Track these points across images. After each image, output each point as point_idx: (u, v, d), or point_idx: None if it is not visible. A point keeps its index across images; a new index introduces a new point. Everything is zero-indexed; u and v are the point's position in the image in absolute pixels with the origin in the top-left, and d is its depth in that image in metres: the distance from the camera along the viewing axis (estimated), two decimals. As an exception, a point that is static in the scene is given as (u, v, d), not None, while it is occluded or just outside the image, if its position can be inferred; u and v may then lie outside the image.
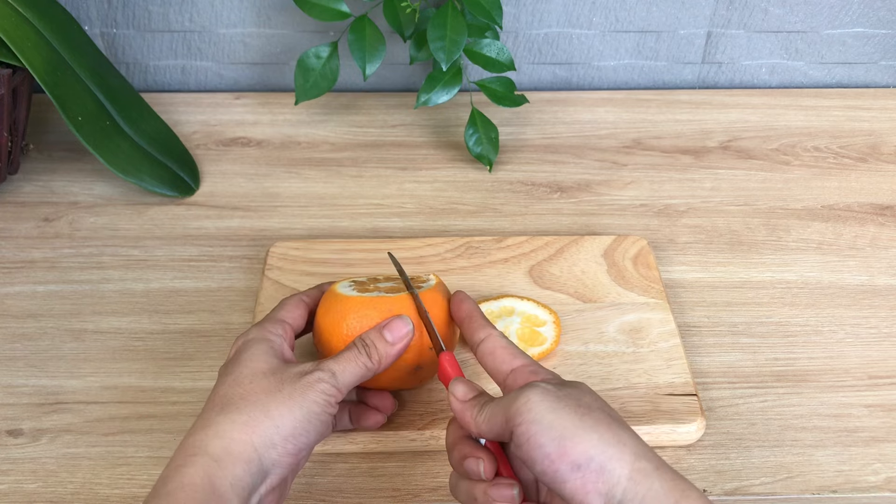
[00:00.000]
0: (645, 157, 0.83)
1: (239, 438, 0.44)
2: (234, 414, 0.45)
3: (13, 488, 0.55)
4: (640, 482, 0.40)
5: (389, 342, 0.50)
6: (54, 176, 0.79)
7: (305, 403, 0.46)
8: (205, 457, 0.43)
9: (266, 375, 0.48)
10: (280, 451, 0.45)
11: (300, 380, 0.47)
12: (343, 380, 0.48)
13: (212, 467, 0.43)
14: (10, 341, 0.64)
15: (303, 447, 0.46)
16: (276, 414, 0.45)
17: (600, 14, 0.87)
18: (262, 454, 0.44)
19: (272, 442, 0.45)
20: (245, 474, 0.44)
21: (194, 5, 0.85)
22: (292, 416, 0.46)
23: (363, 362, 0.49)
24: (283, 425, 0.45)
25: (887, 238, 0.75)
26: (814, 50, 0.91)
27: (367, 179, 0.80)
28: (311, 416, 0.46)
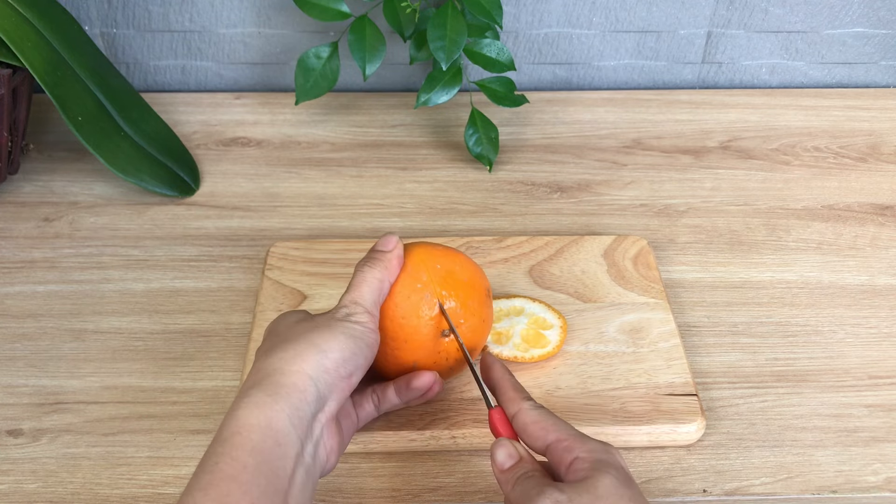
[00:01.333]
0: (645, 157, 0.83)
1: (290, 370, 0.45)
2: (281, 352, 0.46)
3: (13, 488, 0.55)
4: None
5: (384, 250, 0.52)
6: (54, 176, 0.79)
7: (347, 331, 0.48)
8: (258, 393, 0.44)
9: (300, 321, 0.50)
10: (334, 375, 0.46)
11: (332, 318, 0.49)
12: (366, 301, 0.50)
13: (266, 403, 0.43)
14: (10, 341, 0.64)
15: (353, 370, 0.47)
16: (321, 342, 0.46)
17: (600, 14, 0.87)
18: (318, 379, 0.45)
19: (324, 367, 0.46)
20: (301, 403, 0.44)
21: (194, 5, 0.85)
22: (338, 343, 0.47)
23: (371, 275, 0.51)
24: (331, 350, 0.46)
25: (887, 238, 0.75)
26: (814, 50, 0.91)
27: (367, 179, 0.80)
28: (355, 340, 0.48)
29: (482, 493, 0.55)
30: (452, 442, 0.57)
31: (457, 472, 0.57)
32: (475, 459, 0.57)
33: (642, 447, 0.58)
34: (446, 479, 0.56)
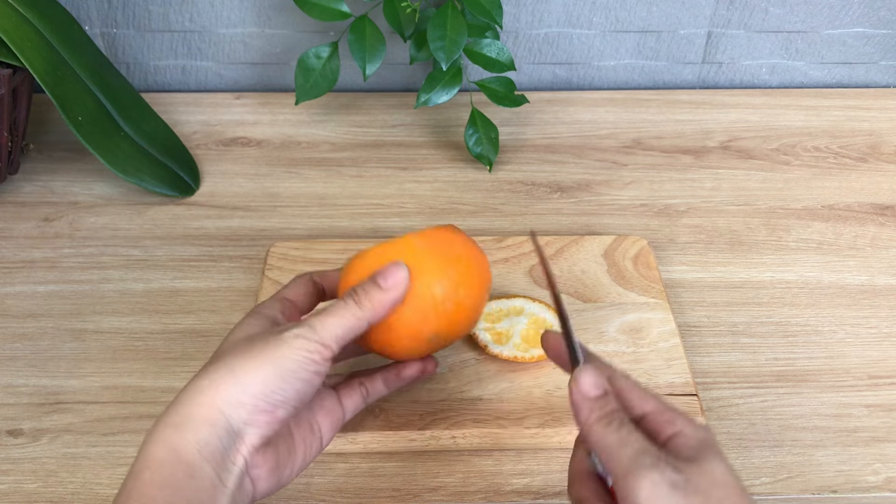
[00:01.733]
0: (645, 157, 0.83)
1: (200, 401, 0.42)
2: (197, 379, 0.43)
3: (13, 488, 0.55)
4: None
5: (382, 288, 0.46)
6: (54, 176, 0.79)
7: (278, 360, 0.43)
8: (166, 428, 0.41)
9: (241, 342, 0.45)
10: (249, 409, 0.42)
11: (275, 337, 0.44)
12: (326, 333, 0.44)
13: (173, 436, 0.41)
14: (10, 341, 0.64)
15: (278, 404, 0.43)
16: (240, 371, 0.42)
17: (600, 14, 0.87)
18: (229, 414, 0.42)
19: (239, 401, 0.42)
20: (211, 437, 0.41)
21: (194, 5, 0.85)
22: (261, 373, 0.42)
23: (352, 312, 0.45)
24: (249, 382, 0.42)
25: (887, 238, 0.75)
26: (814, 50, 0.91)
27: (367, 179, 0.80)
28: (284, 372, 0.43)
29: (482, 493, 0.55)
30: (452, 442, 0.57)
31: (457, 472, 0.57)
32: (475, 459, 0.57)
33: (642, 447, 0.58)
34: (446, 479, 0.56)
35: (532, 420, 0.57)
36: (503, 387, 0.60)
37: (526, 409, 0.58)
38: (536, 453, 0.58)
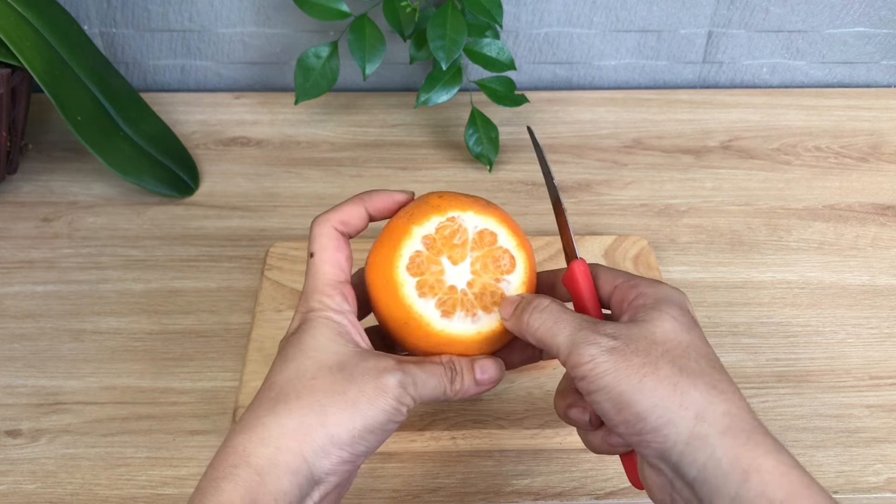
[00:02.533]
0: (645, 157, 0.83)
1: (287, 447, 0.39)
2: (285, 417, 0.40)
3: (12, 489, 0.55)
4: (698, 448, 0.37)
5: (477, 381, 0.44)
6: (53, 176, 0.78)
7: (371, 412, 0.40)
8: (247, 469, 0.39)
9: (332, 371, 0.41)
10: (335, 461, 0.40)
11: (374, 380, 0.41)
12: (422, 392, 0.42)
13: (254, 482, 0.39)
14: (9, 341, 0.64)
15: (360, 454, 0.41)
16: (332, 421, 0.40)
17: (601, 13, 0.87)
18: (313, 463, 0.40)
19: (326, 451, 0.40)
20: (292, 486, 0.39)
21: (194, 5, 0.85)
22: (352, 425, 0.40)
23: (445, 385, 0.43)
24: (338, 434, 0.40)
25: (889, 238, 0.74)
26: (815, 49, 0.91)
27: (367, 179, 0.79)
28: (374, 425, 0.41)
29: (482, 493, 0.55)
30: (452, 442, 0.57)
31: (457, 473, 0.56)
32: (475, 460, 0.57)
33: (643, 448, 0.58)
34: (446, 480, 0.56)
35: (532, 421, 0.57)
36: (503, 387, 0.59)
37: (526, 409, 0.58)
38: (536, 454, 0.57)
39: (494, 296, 0.44)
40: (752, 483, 0.36)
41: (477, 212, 0.45)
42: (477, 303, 0.44)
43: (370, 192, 0.48)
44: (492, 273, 0.44)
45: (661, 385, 0.38)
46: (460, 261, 0.44)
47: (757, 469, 0.36)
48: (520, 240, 0.45)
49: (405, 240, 0.44)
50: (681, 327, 0.41)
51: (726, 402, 0.39)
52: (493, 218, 0.45)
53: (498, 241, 0.44)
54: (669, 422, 0.38)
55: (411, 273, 0.44)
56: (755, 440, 0.38)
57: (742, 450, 0.37)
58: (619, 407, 0.39)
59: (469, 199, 0.46)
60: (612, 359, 0.39)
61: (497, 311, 0.44)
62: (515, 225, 0.46)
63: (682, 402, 0.38)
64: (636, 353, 0.39)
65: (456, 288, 0.44)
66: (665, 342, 0.40)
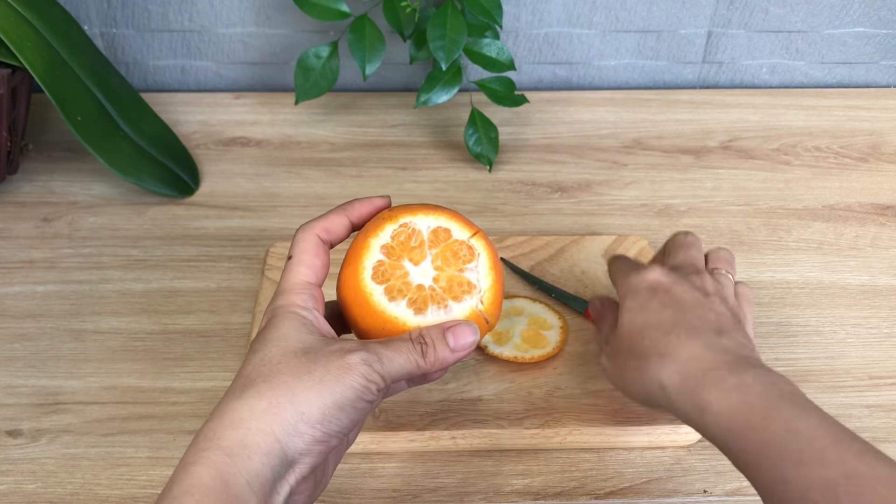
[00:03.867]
0: (645, 157, 0.83)
1: (257, 428, 0.39)
2: (254, 399, 0.40)
3: (12, 489, 0.55)
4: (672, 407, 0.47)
5: (450, 348, 0.43)
6: (54, 176, 0.78)
7: (339, 388, 0.40)
8: (217, 451, 0.39)
9: (297, 355, 0.42)
10: (307, 440, 0.40)
11: (339, 360, 0.41)
12: (390, 369, 0.42)
13: (224, 464, 0.38)
14: (10, 341, 0.64)
15: (333, 433, 0.41)
16: (301, 399, 0.40)
17: (601, 14, 0.87)
18: (286, 443, 0.39)
19: (297, 430, 0.40)
20: (264, 467, 0.39)
21: (194, 5, 0.85)
22: (321, 402, 0.40)
23: (416, 359, 0.43)
24: (309, 411, 0.40)
25: (888, 238, 0.74)
26: (814, 50, 0.91)
27: (367, 179, 0.79)
28: (343, 402, 0.41)
29: (482, 493, 0.55)
30: (452, 442, 0.57)
31: (457, 473, 0.56)
32: (475, 459, 0.57)
33: (643, 448, 0.58)
34: (446, 480, 0.56)
35: (532, 421, 0.57)
36: (503, 387, 0.59)
37: (526, 409, 0.58)
38: (536, 454, 0.57)
39: (462, 285, 0.45)
40: (706, 416, 0.44)
41: (427, 213, 0.46)
42: (447, 295, 0.45)
43: (351, 202, 0.49)
44: (454, 265, 0.45)
45: (633, 374, 0.49)
46: (421, 260, 0.45)
47: (707, 403, 0.44)
48: (473, 230, 0.47)
49: (365, 253, 0.46)
50: (632, 314, 0.50)
51: (674, 361, 0.47)
52: (444, 216, 0.46)
53: (452, 235, 0.46)
54: (648, 396, 0.48)
55: (377, 281, 0.45)
56: (701, 381, 0.45)
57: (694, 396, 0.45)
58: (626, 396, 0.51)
59: (418, 205, 0.47)
60: (609, 364, 0.52)
61: (468, 299, 0.45)
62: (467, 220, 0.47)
63: (647, 379, 0.48)
64: (618, 354, 0.51)
65: (423, 286, 0.45)
66: (627, 335, 0.50)
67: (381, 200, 0.49)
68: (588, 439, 0.57)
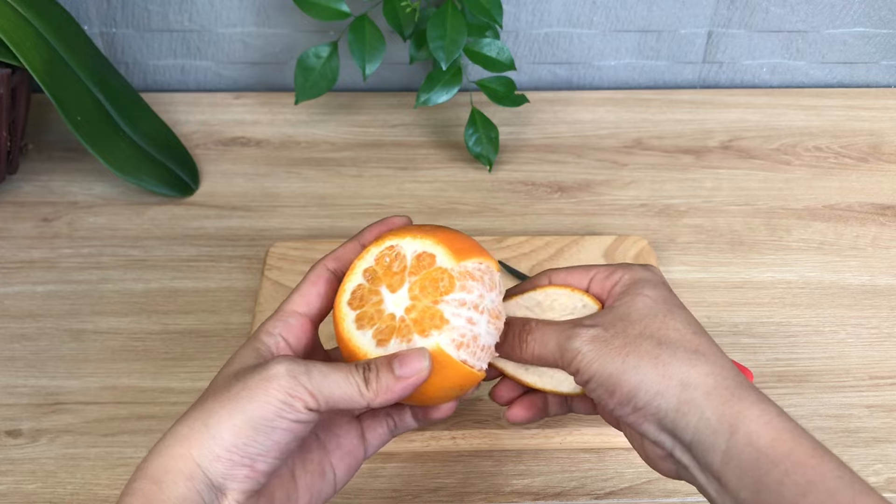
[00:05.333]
0: (645, 157, 0.83)
1: (178, 453, 0.38)
2: (178, 426, 0.39)
3: (12, 489, 0.55)
4: (688, 413, 0.39)
5: (396, 376, 0.40)
6: (53, 176, 0.78)
7: (251, 405, 0.38)
8: (144, 480, 0.38)
9: (228, 377, 0.40)
10: (226, 464, 0.38)
11: (260, 373, 0.39)
12: (322, 387, 0.39)
13: (151, 491, 0.37)
14: (10, 341, 0.64)
15: (255, 457, 0.38)
16: (214, 420, 0.38)
17: (601, 13, 0.87)
18: (207, 468, 0.38)
19: (214, 454, 0.38)
20: (190, 492, 0.37)
21: (194, 5, 0.85)
22: (231, 422, 0.38)
23: (355, 383, 0.40)
24: (220, 434, 0.38)
25: (888, 238, 0.74)
26: (815, 49, 0.91)
27: (367, 179, 0.79)
28: (256, 421, 0.38)
29: (482, 493, 0.55)
30: (452, 442, 0.57)
31: (457, 473, 0.56)
32: (475, 460, 0.57)
33: (643, 448, 0.58)
34: (446, 480, 0.56)
35: (532, 421, 0.57)
36: (503, 387, 0.59)
37: (526, 409, 0.58)
38: (536, 454, 0.57)
39: (434, 318, 0.42)
40: (739, 434, 0.38)
41: (415, 236, 0.43)
42: (414, 328, 0.41)
43: (367, 227, 0.47)
44: (431, 295, 0.42)
45: (643, 361, 0.40)
46: (399, 287, 0.42)
47: (742, 421, 0.38)
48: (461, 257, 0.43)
49: (349, 276, 0.44)
50: (654, 302, 0.43)
51: (708, 363, 0.40)
52: (431, 240, 0.43)
53: (436, 262, 0.43)
54: (658, 393, 0.40)
55: (353, 307, 0.43)
56: (739, 395, 0.39)
57: (726, 406, 0.39)
58: (611, 390, 0.41)
59: (412, 227, 0.45)
60: (595, 346, 0.41)
61: (435, 335, 0.41)
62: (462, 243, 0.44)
63: (666, 372, 0.40)
64: (616, 337, 0.42)
65: (394, 315, 0.42)
66: (641, 319, 0.42)
67: (399, 220, 0.47)
68: (588, 439, 0.57)
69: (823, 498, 0.36)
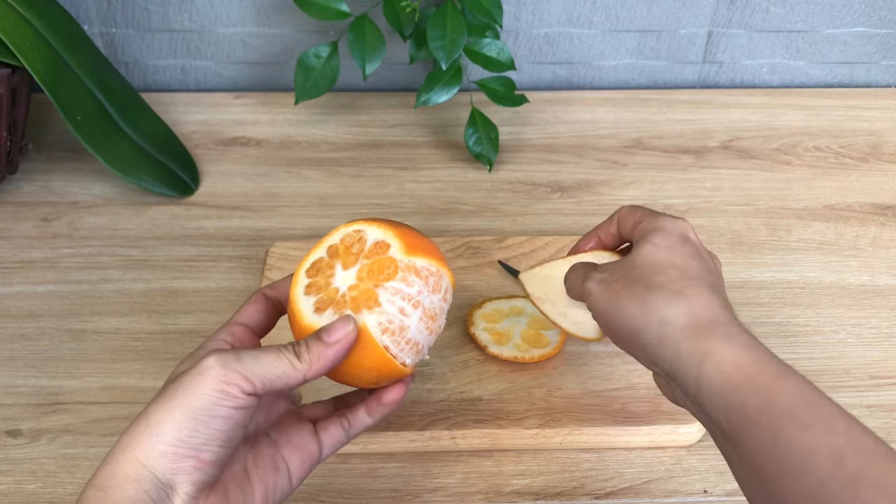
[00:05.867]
0: (645, 157, 0.83)
1: (122, 458, 0.40)
2: (123, 435, 0.41)
3: (12, 489, 0.55)
4: (665, 347, 0.43)
5: (325, 342, 0.43)
6: (53, 176, 0.78)
7: (188, 399, 0.40)
8: (91, 489, 0.39)
9: (167, 384, 0.42)
10: (171, 458, 0.39)
11: (192, 370, 0.41)
12: (253, 368, 0.41)
13: (98, 498, 0.39)
14: (10, 341, 0.64)
15: (199, 447, 0.40)
16: (155, 419, 0.40)
17: (601, 13, 0.87)
18: (153, 466, 0.39)
19: (158, 451, 0.39)
20: (139, 493, 0.39)
21: (194, 5, 0.85)
22: (171, 417, 0.39)
23: (287, 360, 0.42)
24: (162, 430, 0.39)
25: (888, 238, 0.74)
26: (815, 49, 0.91)
27: (367, 179, 0.79)
28: (195, 411, 0.40)
29: (482, 493, 0.55)
30: (452, 442, 0.57)
31: (457, 473, 0.56)
32: (475, 460, 0.57)
33: (643, 447, 0.58)
34: (446, 480, 0.56)
35: (532, 420, 0.57)
36: (503, 387, 0.59)
37: (526, 409, 0.58)
38: (536, 454, 0.57)
39: (369, 300, 0.44)
40: (707, 364, 0.42)
41: (379, 226, 0.47)
42: (350, 304, 0.45)
43: None
44: (374, 279, 0.45)
45: (632, 302, 0.45)
46: (351, 267, 0.46)
47: (711, 351, 0.42)
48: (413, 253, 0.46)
49: (315, 249, 0.48)
50: (658, 249, 0.47)
51: (689, 304, 0.44)
52: (392, 232, 0.47)
53: (389, 251, 0.46)
54: (640, 330, 0.44)
55: (308, 276, 0.47)
56: (712, 330, 0.43)
57: (698, 340, 0.43)
58: (607, 326, 0.47)
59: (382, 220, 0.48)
60: (601, 288, 0.47)
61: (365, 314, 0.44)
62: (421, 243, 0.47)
63: (648, 310, 0.44)
64: (618, 281, 0.47)
65: (338, 290, 0.45)
66: (642, 265, 0.46)
67: None
68: (588, 439, 0.57)
69: (780, 415, 0.39)
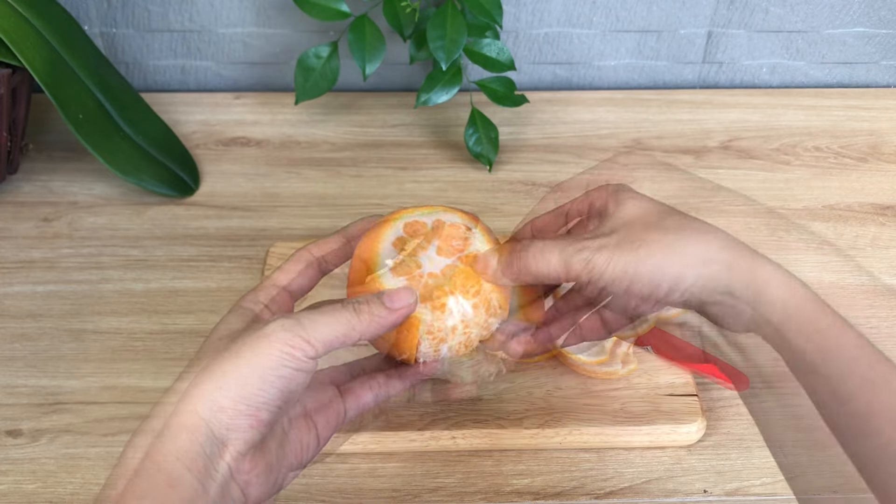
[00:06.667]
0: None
1: (181, 409, 0.40)
2: (179, 383, 0.41)
3: (12, 489, 0.55)
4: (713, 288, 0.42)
5: (387, 307, 0.43)
6: (54, 176, 0.78)
7: (255, 358, 0.40)
8: (145, 435, 0.39)
9: (223, 339, 0.43)
10: (231, 414, 0.39)
11: (257, 332, 0.41)
12: (313, 331, 0.41)
13: (151, 445, 0.39)
14: (10, 341, 0.64)
15: (260, 406, 0.40)
16: (219, 373, 0.40)
17: (601, 14, 0.87)
18: (210, 420, 0.39)
19: (219, 405, 0.39)
20: (192, 444, 0.39)
21: (194, 5, 0.85)
22: (238, 374, 0.40)
23: (347, 319, 0.42)
24: (228, 385, 0.40)
25: (888, 238, 0.74)
26: (815, 50, 0.91)
27: (367, 179, 0.79)
28: (263, 371, 0.40)
29: (482, 493, 0.55)
30: (452, 442, 0.57)
31: (457, 472, 0.56)
32: (475, 459, 0.57)
33: (643, 447, 0.58)
34: (446, 480, 0.56)
35: (532, 420, 0.57)
36: (503, 387, 0.59)
37: (526, 409, 0.58)
38: (536, 454, 0.57)
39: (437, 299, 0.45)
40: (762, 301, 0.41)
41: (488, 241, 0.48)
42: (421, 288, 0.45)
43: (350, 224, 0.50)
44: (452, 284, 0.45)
45: (654, 250, 0.43)
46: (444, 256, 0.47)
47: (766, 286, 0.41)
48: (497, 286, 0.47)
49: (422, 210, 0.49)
50: (641, 200, 0.46)
51: (718, 239, 0.43)
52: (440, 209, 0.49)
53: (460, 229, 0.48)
54: (678, 276, 0.42)
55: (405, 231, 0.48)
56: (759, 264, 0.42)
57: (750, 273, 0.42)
58: (630, 286, 0.43)
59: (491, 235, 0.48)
60: (603, 254, 0.43)
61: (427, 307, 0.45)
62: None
63: (682, 252, 0.42)
64: (623, 241, 0.44)
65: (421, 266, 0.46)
66: (639, 217, 0.45)
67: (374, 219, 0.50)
68: (588, 439, 0.57)
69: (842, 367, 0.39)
